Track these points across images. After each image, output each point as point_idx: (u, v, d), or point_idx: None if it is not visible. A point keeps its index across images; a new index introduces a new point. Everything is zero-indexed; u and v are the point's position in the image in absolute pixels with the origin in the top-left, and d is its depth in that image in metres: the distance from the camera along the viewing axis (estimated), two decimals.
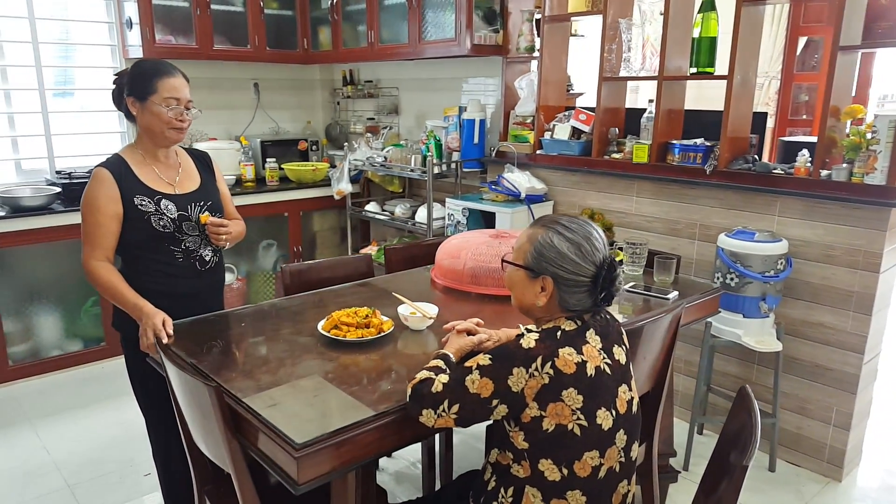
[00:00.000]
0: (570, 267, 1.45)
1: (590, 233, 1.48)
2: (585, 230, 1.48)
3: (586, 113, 3.38)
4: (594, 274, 1.46)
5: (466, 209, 3.54)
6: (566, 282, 1.46)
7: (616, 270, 1.48)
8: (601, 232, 1.52)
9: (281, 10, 4.33)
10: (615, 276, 1.48)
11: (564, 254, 1.45)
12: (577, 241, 1.46)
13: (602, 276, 1.46)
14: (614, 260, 1.49)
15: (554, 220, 1.51)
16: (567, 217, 1.52)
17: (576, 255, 1.45)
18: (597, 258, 1.46)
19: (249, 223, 4.07)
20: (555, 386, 1.38)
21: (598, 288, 1.46)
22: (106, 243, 1.97)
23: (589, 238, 1.47)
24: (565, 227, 1.48)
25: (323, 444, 1.36)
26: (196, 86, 4.18)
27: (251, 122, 4.57)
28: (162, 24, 3.83)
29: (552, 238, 1.47)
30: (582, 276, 1.45)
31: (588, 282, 1.46)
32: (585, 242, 1.46)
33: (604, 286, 1.46)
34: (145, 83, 1.99)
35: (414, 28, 3.71)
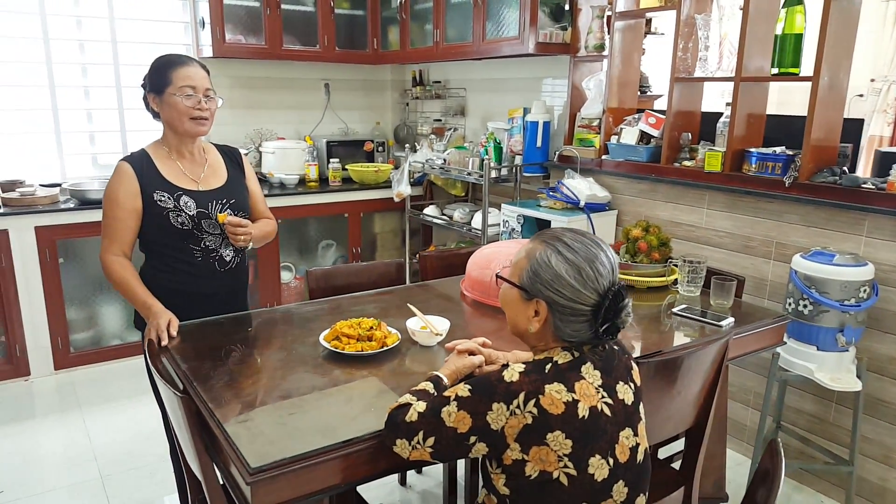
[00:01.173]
0: (568, 292, 1.26)
1: (595, 255, 1.28)
2: (590, 252, 1.28)
3: (656, 116, 3.12)
4: (596, 303, 1.27)
5: (521, 216, 3.35)
6: (562, 309, 1.28)
7: (623, 301, 1.28)
8: (611, 254, 1.32)
9: (352, 10, 4.30)
10: (621, 307, 1.28)
11: (562, 277, 1.27)
12: (578, 264, 1.27)
13: (605, 306, 1.26)
14: (623, 288, 1.29)
15: (556, 237, 1.32)
16: (572, 233, 1.33)
17: (575, 280, 1.26)
18: (600, 285, 1.27)
19: (310, 223, 4.14)
20: (539, 427, 1.21)
21: (598, 319, 1.27)
22: (122, 238, 1.95)
23: (593, 261, 1.27)
24: (567, 246, 1.29)
25: (279, 471, 1.25)
26: (267, 86, 4.31)
27: (320, 122, 4.57)
28: (232, 23, 3.89)
29: (550, 257, 1.29)
30: (581, 303, 1.27)
31: (588, 311, 1.27)
32: (588, 266, 1.27)
33: (606, 318, 1.27)
34: (160, 76, 1.96)
35: (478, 26, 3.57)
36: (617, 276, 1.31)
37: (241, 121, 4.30)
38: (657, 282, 2.36)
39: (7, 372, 3.32)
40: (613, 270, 1.30)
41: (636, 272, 2.37)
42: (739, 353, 2.07)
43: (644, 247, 2.40)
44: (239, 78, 4.23)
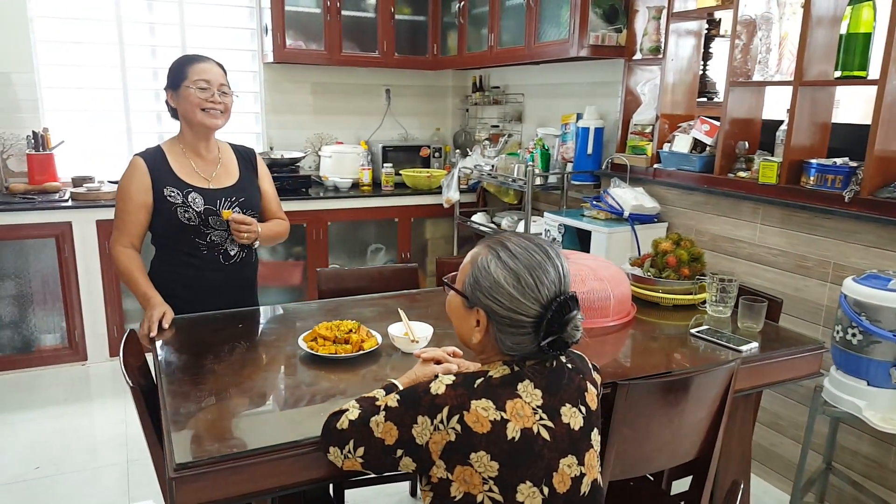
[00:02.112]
0: (506, 301, 1.17)
1: (538, 263, 1.18)
2: (532, 259, 1.18)
3: (710, 123, 2.91)
4: (538, 314, 1.16)
5: (563, 226, 3.22)
6: (501, 319, 1.18)
7: (570, 314, 1.17)
8: (561, 263, 1.21)
9: (414, 16, 4.31)
10: (567, 320, 1.16)
11: (500, 284, 1.17)
12: (517, 272, 1.17)
13: (547, 318, 1.15)
14: (570, 301, 1.18)
15: (500, 241, 1.23)
16: (519, 238, 1.23)
17: (513, 289, 1.16)
18: (542, 295, 1.16)
19: (360, 226, 4.15)
20: (462, 445, 1.12)
21: (541, 332, 1.16)
22: (132, 230, 2.01)
23: (535, 269, 1.17)
24: (508, 252, 1.19)
25: (205, 470, 1.23)
26: (328, 91, 4.39)
27: (379, 127, 4.60)
28: (294, 29, 3.98)
29: (490, 263, 1.19)
30: (521, 314, 1.16)
31: (530, 322, 1.17)
32: (528, 274, 1.17)
33: (549, 331, 1.16)
34: (177, 73, 2.02)
35: (530, 29, 3.48)
36: (567, 287, 1.20)
37: (302, 125, 4.39)
38: (684, 300, 2.18)
39: (66, 356, 3.53)
40: (561, 280, 1.19)
41: (662, 288, 2.20)
42: (765, 383, 1.87)
43: (673, 261, 2.23)
44: (301, 83, 4.33)
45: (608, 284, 2.00)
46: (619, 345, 1.92)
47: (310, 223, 3.89)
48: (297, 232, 3.88)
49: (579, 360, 1.30)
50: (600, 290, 1.98)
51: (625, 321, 2.04)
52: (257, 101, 4.29)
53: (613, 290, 2.00)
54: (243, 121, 4.28)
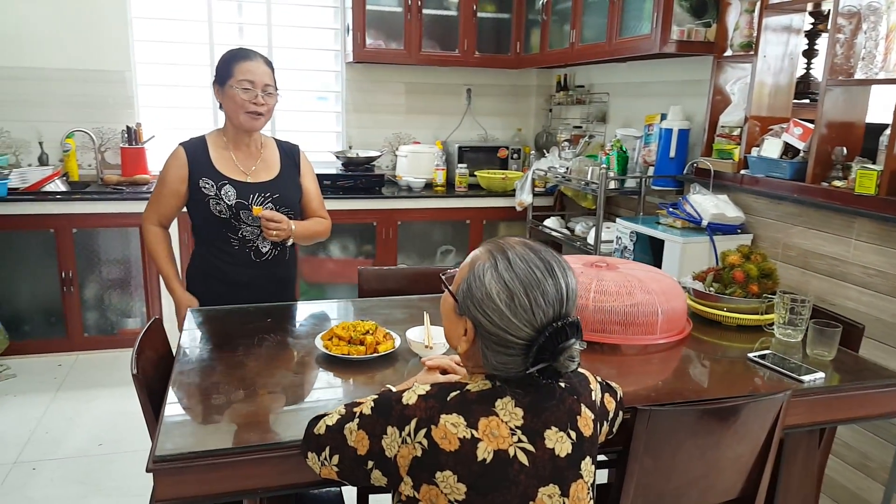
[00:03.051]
0: (496, 318, 1.04)
1: (537, 281, 1.04)
2: (532, 276, 1.04)
3: (803, 125, 2.63)
4: (530, 337, 1.03)
5: (634, 233, 3.01)
6: (489, 336, 1.06)
7: (565, 343, 1.03)
8: (566, 282, 1.07)
9: (497, 13, 4.22)
10: (561, 349, 1.03)
11: (492, 299, 1.05)
12: (512, 288, 1.04)
13: (539, 344, 1.03)
14: (568, 327, 1.04)
15: (503, 248, 1.09)
16: (525, 247, 1.09)
17: (505, 306, 1.04)
18: (536, 318, 1.03)
19: (431, 227, 4.10)
20: (428, 462, 1.02)
21: (529, 357, 1.04)
22: (163, 210, 2.09)
23: (532, 288, 1.03)
24: (507, 263, 1.06)
25: (185, 464, 1.20)
26: (408, 90, 4.38)
27: (457, 127, 4.54)
28: (375, 28, 4.00)
29: (485, 272, 1.07)
30: (510, 334, 1.04)
31: (520, 344, 1.04)
32: (523, 292, 1.03)
33: (539, 357, 1.03)
34: (224, 69, 2.03)
35: (612, 24, 3.29)
36: (568, 311, 1.06)
37: (382, 125, 4.41)
38: (749, 320, 1.96)
39: None
40: (563, 302, 1.05)
41: (725, 306, 1.99)
42: (833, 419, 1.64)
43: (740, 277, 2.00)
44: (381, 83, 4.34)
45: (656, 298, 1.82)
46: (663, 365, 1.74)
47: (380, 222, 3.88)
48: (367, 231, 3.89)
49: (578, 379, 1.16)
50: (647, 304, 1.81)
51: (675, 339, 1.85)
52: (339, 101, 4.34)
53: (662, 305, 1.82)
54: (325, 120, 4.35)
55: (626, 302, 1.80)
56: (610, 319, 1.80)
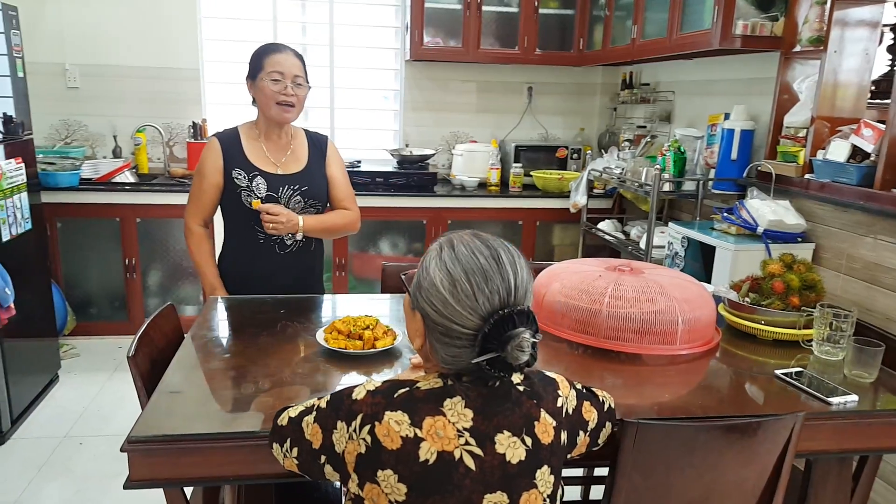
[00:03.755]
0: (441, 307, 1.01)
1: (481, 267, 1.01)
2: (475, 262, 1.01)
3: (874, 127, 2.41)
4: (476, 327, 0.99)
5: (686, 238, 2.86)
6: (435, 326, 1.03)
7: (511, 332, 0.98)
8: (514, 271, 1.03)
9: (561, 10, 4.11)
10: (508, 337, 0.98)
11: (436, 287, 1.02)
12: (455, 275, 1.01)
13: (484, 332, 0.98)
14: (516, 315, 0.99)
15: (451, 238, 1.08)
16: (473, 237, 1.07)
17: (449, 294, 1.00)
18: (480, 305, 0.99)
19: (482, 227, 3.99)
20: (371, 460, 0.99)
21: (476, 348, 0.99)
22: (203, 207, 2.11)
23: (474, 273, 1.00)
24: (452, 252, 1.04)
25: (157, 447, 1.21)
26: (466, 89, 4.34)
27: (516, 126, 4.47)
28: (433, 26, 3.99)
29: (431, 262, 1.05)
30: (456, 324, 1.00)
31: (467, 334, 1.00)
32: (465, 278, 1.00)
33: (485, 347, 0.98)
34: (256, 62, 2.06)
35: (674, 18, 3.14)
36: (518, 300, 1.02)
37: (439, 123, 4.39)
38: (786, 334, 1.80)
39: None
40: (510, 291, 1.01)
41: (761, 318, 1.84)
42: (867, 447, 1.48)
43: (780, 287, 1.85)
44: (440, 80, 4.33)
45: (678, 306, 1.70)
46: (679, 378, 1.62)
47: (430, 220, 3.86)
48: (417, 229, 3.89)
49: (543, 382, 1.10)
50: (667, 311, 1.70)
51: (699, 351, 1.73)
52: (397, 99, 4.36)
53: (685, 314, 1.70)
54: (383, 118, 4.38)
55: (644, 309, 1.70)
56: (625, 326, 1.70)
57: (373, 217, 3.80)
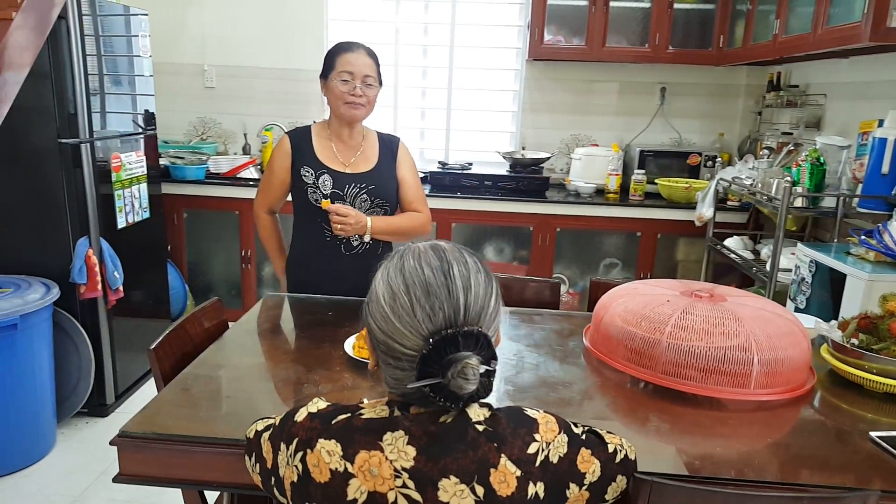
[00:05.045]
0: (382, 322, 0.91)
1: (425, 281, 0.89)
2: (420, 275, 0.90)
3: None
4: (418, 347, 0.87)
5: (813, 262, 2.46)
6: (379, 344, 0.93)
7: (454, 356, 0.85)
8: (468, 285, 0.90)
9: (699, 4, 3.76)
10: (449, 362, 0.85)
11: (378, 300, 0.92)
12: (395, 288, 0.90)
13: (423, 356, 0.86)
14: (462, 337, 0.86)
15: (408, 247, 0.97)
16: (429, 247, 0.95)
17: (389, 308, 0.90)
18: (420, 322, 0.87)
19: (595, 237, 3.79)
20: (301, 490, 0.91)
21: (417, 372, 0.86)
22: (270, 197, 2.16)
23: (416, 288, 0.89)
24: (400, 260, 0.94)
25: (146, 444, 1.21)
26: (590, 90, 4.10)
27: (644, 129, 4.14)
28: (555, 24, 3.81)
29: (379, 273, 0.95)
30: (397, 342, 0.89)
31: (408, 355, 0.88)
32: (406, 293, 0.89)
33: (425, 371, 0.86)
34: (328, 62, 2.05)
35: (819, 10, 2.73)
36: (469, 319, 0.89)
37: (560, 125, 4.19)
38: None
39: None
40: (458, 310, 0.88)
41: (870, 366, 1.51)
42: None
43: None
44: (562, 80, 4.12)
45: (755, 343, 1.44)
46: (747, 428, 1.36)
47: (536, 227, 3.69)
48: (523, 235, 3.72)
49: (514, 424, 0.93)
50: (739, 349, 1.44)
51: (783, 398, 1.45)
52: (516, 100, 4.22)
53: (763, 353, 1.43)
54: (500, 119, 4.26)
55: (713, 343, 1.46)
56: (687, 362, 1.46)
57: (478, 221, 3.71)
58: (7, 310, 2.20)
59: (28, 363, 2.33)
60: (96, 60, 2.65)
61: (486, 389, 0.88)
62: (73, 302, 2.61)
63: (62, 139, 2.50)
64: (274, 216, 2.24)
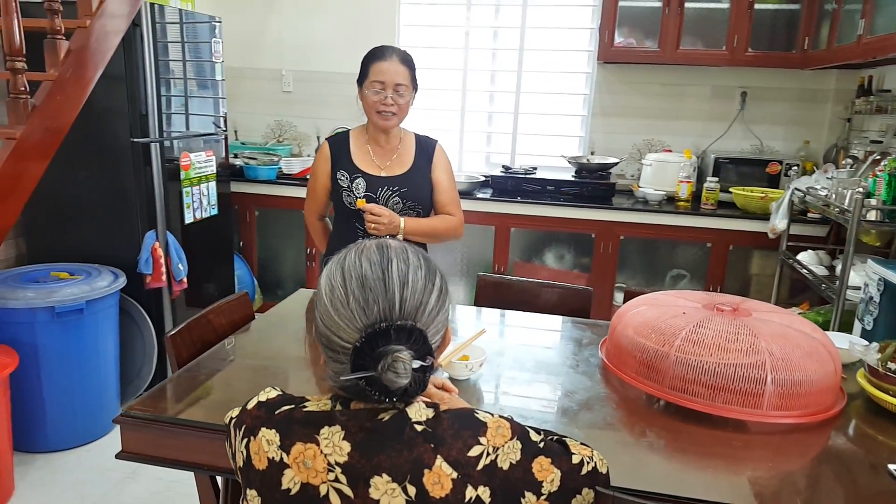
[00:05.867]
0: (323, 315, 0.93)
1: (363, 274, 0.90)
2: (358, 266, 0.92)
3: None
4: (354, 340, 0.88)
5: (882, 280, 2.26)
6: (320, 337, 0.95)
7: (384, 348, 0.86)
8: (411, 281, 0.91)
9: (782, 4, 3.55)
10: (380, 355, 0.86)
11: (320, 295, 0.94)
12: (334, 280, 0.92)
13: (356, 348, 0.87)
14: (394, 331, 0.87)
15: (350, 247, 0.99)
16: (382, 243, 0.97)
17: (328, 300, 0.92)
18: (357, 317, 0.89)
19: (662, 246, 3.65)
20: (245, 474, 0.95)
21: (350, 364, 0.87)
22: (315, 204, 2.23)
23: (351, 279, 0.91)
24: (342, 257, 0.96)
25: (145, 425, 1.29)
26: (664, 93, 3.96)
27: (722, 135, 3.95)
28: (627, 26, 3.71)
29: (325, 269, 0.97)
30: (334, 335, 0.91)
31: (345, 349, 0.90)
32: (343, 284, 0.91)
33: (357, 363, 0.87)
34: (363, 69, 2.08)
35: None
36: (405, 314, 0.89)
37: (632, 130, 4.07)
38: None
39: None
40: (394, 304, 0.89)
41: None
42: None
43: None
44: (634, 84, 4.00)
45: (769, 361, 1.35)
46: (752, 451, 1.27)
47: (599, 234, 3.59)
48: (585, 242, 3.64)
49: (458, 425, 0.92)
50: (752, 366, 1.35)
51: (801, 422, 1.35)
52: (585, 104, 4.14)
53: (778, 372, 1.34)
54: (569, 123, 4.19)
55: (722, 359, 1.38)
56: (695, 378, 1.39)
57: (538, 226, 3.66)
58: (75, 295, 2.40)
59: (93, 346, 2.52)
60: (169, 65, 2.84)
61: (420, 385, 0.88)
62: (140, 290, 2.79)
63: (134, 138, 2.70)
64: (324, 220, 2.28)
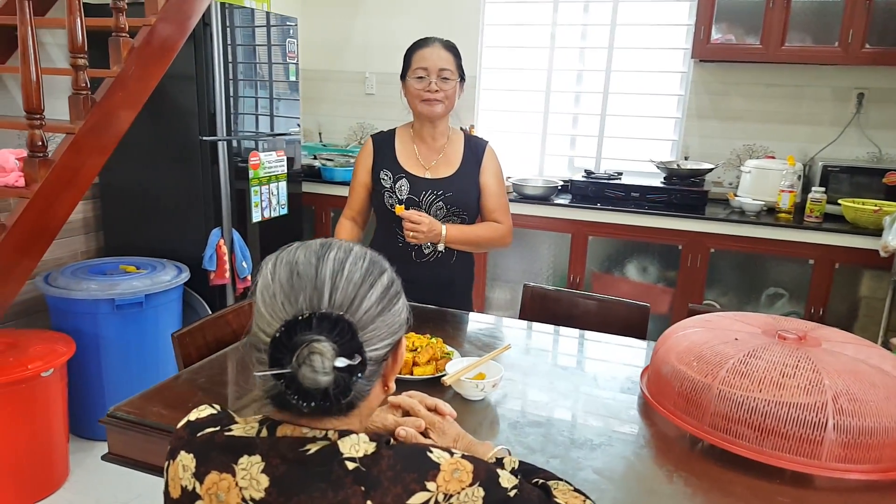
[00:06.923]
0: (256, 315, 0.84)
1: (294, 263, 0.82)
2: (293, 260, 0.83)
3: None
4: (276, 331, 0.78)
5: None
6: (250, 338, 0.85)
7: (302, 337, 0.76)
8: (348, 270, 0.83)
9: None
10: (296, 343, 0.75)
11: (255, 293, 0.85)
12: (268, 276, 0.83)
13: (274, 339, 0.77)
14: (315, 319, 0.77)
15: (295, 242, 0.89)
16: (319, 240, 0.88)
17: (259, 296, 0.83)
18: (282, 308, 0.79)
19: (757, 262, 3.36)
20: (165, 500, 0.85)
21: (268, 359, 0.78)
22: (354, 204, 2.12)
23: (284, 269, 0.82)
24: (282, 251, 0.87)
25: (129, 428, 1.25)
26: (768, 94, 3.62)
27: (834, 140, 3.54)
28: (726, 22, 3.40)
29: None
30: (260, 330, 0.82)
31: (267, 342, 0.79)
32: (272, 273, 0.83)
33: (275, 358, 0.77)
34: (405, 61, 2.02)
35: None
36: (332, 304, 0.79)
37: (731, 134, 3.74)
38: None
39: None
40: (323, 292, 0.80)
41: None
42: None
43: None
44: (735, 84, 3.67)
45: (830, 402, 1.12)
46: None
47: (686, 246, 3.30)
48: (671, 254, 3.36)
49: (401, 465, 0.78)
50: (807, 407, 1.13)
51: (867, 478, 1.11)
52: (679, 106, 3.84)
53: (842, 416, 1.11)
54: (661, 126, 3.91)
55: (774, 397, 1.16)
56: (737, 416, 1.19)
57: (619, 235, 3.42)
58: (136, 289, 2.46)
59: (153, 338, 2.58)
60: (240, 65, 2.88)
61: (345, 389, 0.77)
62: (205, 286, 2.85)
63: (202, 136, 2.75)
64: (355, 225, 2.14)
